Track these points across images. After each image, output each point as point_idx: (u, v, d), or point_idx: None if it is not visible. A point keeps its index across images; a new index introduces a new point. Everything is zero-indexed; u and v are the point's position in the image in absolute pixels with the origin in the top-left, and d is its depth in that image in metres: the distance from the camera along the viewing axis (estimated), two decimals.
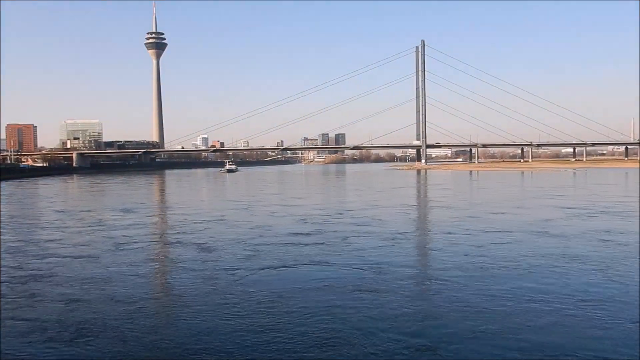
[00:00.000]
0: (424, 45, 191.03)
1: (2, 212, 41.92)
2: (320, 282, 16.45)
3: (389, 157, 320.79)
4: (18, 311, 14.09)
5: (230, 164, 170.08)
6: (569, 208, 37.93)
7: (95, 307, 14.15)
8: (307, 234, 26.63)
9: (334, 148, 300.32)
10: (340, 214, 36.50)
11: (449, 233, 26.27)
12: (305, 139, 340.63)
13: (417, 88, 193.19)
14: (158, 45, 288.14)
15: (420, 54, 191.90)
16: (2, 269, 19.63)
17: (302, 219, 33.35)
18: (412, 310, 13.43)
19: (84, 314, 13.64)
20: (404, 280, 16.58)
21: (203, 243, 24.36)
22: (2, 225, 32.95)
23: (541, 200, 46.03)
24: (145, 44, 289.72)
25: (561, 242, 23.28)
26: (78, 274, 18.39)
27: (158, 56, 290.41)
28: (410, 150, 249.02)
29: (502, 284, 15.81)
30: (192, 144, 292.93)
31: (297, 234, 26.86)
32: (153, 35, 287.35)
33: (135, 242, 25.08)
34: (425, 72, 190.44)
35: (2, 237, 27.98)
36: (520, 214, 34.61)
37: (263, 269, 18.57)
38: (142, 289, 16.41)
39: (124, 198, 57.34)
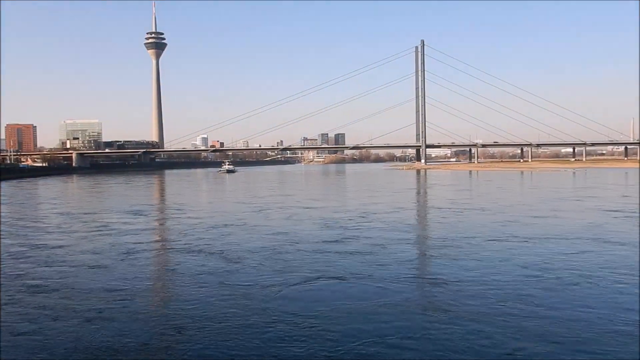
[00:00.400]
0: (423, 45, 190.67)
1: (4, 215, 40.45)
2: (374, 300, 14.21)
3: (388, 157, 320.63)
4: (24, 326, 12.54)
5: (228, 165, 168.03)
6: (612, 211, 35.61)
7: (114, 327, 12.39)
8: (339, 241, 24.40)
9: (334, 148, 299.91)
10: (364, 217, 34.32)
11: (503, 241, 23.87)
12: (305, 139, 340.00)
13: (417, 88, 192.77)
14: (158, 45, 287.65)
15: (420, 54, 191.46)
16: (6, 276, 18.10)
17: (325, 224, 31.18)
18: (512, 345, 10.95)
19: (102, 334, 11.92)
20: (482, 300, 14.06)
21: (225, 251, 22.27)
22: (6, 229, 31.44)
23: (573, 202, 43.94)
24: (145, 44, 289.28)
25: (635, 251, 20.71)
26: (92, 285, 16.56)
27: (158, 56, 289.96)
28: (410, 150, 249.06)
29: (609, 308, 13.32)
30: (192, 144, 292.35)
31: (327, 241, 24.61)
32: (153, 35, 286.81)
33: (149, 250, 23.16)
34: (425, 72, 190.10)
35: (6, 241, 26.50)
36: (564, 218, 32.38)
37: (299, 283, 16.48)
38: (167, 306, 14.40)
39: (128, 199, 55.68)
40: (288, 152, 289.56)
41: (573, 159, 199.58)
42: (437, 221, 31.96)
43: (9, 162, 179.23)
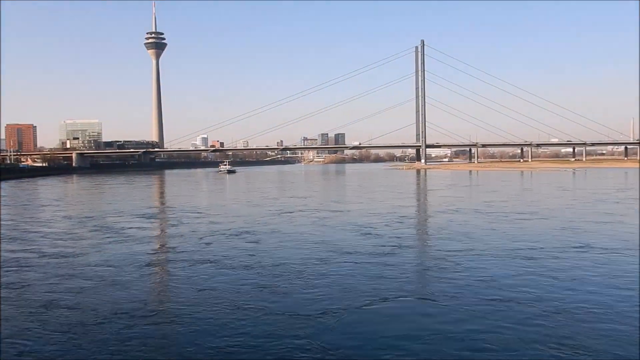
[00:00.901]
0: (423, 45, 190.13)
1: (7, 218, 38.53)
2: (479, 331, 11.51)
3: (388, 157, 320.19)
4: (31, 347, 11.30)
5: (226, 165, 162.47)
6: None
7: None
8: (391, 254, 21.25)
9: (334, 148, 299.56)
10: (401, 222, 31.44)
11: (589, 252, 20.99)
12: (305, 139, 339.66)
13: (417, 88, 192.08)
14: (158, 45, 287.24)
15: (419, 54, 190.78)
16: (13, 288, 16.28)
17: (362, 231, 28.11)
18: None
19: None
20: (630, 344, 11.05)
21: (261, 264, 19.37)
22: (9, 233, 29.51)
23: (618, 204, 41.27)
24: (145, 44, 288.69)
25: None
26: (110, 306, 14.15)
27: (158, 56, 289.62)
28: (409, 150, 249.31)
29: None
30: (192, 144, 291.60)
31: (374, 253, 21.46)
32: (153, 35, 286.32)
33: (171, 262, 20.29)
34: (425, 72, 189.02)
35: (11, 247, 24.64)
36: (629, 224, 29.49)
37: (363, 306, 13.76)
38: (202, 339, 11.63)
39: (134, 201, 53.38)
40: (288, 152, 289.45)
41: (573, 159, 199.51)
42: (491, 228, 28.69)
43: (9, 162, 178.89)
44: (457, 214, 36.35)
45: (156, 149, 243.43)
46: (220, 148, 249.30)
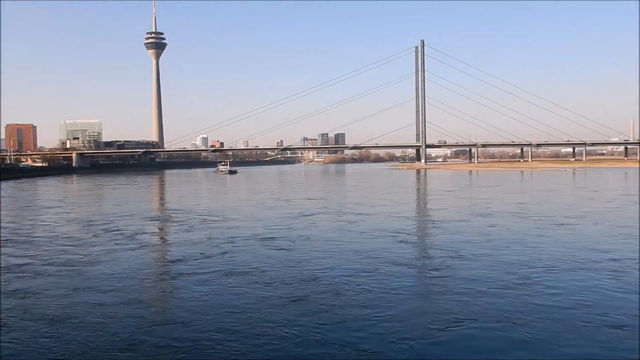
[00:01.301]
0: (423, 45, 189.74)
1: (8, 220, 37.10)
2: None
3: (388, 157, 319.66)
4: None
5: (224, 165, 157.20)
6: None
7: None
8: (444, 266, 18.90)
9: (334, 148, 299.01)
10: (438, 227, 29.37)
11: None
12: (305, 139, 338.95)
13: (417, 88, 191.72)
14: (158, 45, 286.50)
15: (419, 54, 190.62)
16: (18, 300, 14.73)
17: (399, 237, 25.79)
18: None
19: None
20: None
21: (297, 277, 17.15)
22: (12, 238, 27.70)
23: None
24: (145, 44, 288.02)
25: None
26: (137, 330, 12.17)
27: (158, 56, 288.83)
28: (409, 150, 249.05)
29: None
30: (192, 144, 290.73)
31: (428, 265, 19.46)
32: (153, 35, 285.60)
33: (193, 275, 17.91)
34: (425, 72, 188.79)
35: (13, 252, 23.06)
36: None
37: (437, 335, 11.70)
38: None
39: (140, 203, 51.50)
40: (288, 152, 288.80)
41: (573, 159, 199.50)
42: (541, 234, 26.27)
43: (9, 162, 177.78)
44: (492, 217, 34.08)
45: (156, 149, 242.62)
46: (220, 148, 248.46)
